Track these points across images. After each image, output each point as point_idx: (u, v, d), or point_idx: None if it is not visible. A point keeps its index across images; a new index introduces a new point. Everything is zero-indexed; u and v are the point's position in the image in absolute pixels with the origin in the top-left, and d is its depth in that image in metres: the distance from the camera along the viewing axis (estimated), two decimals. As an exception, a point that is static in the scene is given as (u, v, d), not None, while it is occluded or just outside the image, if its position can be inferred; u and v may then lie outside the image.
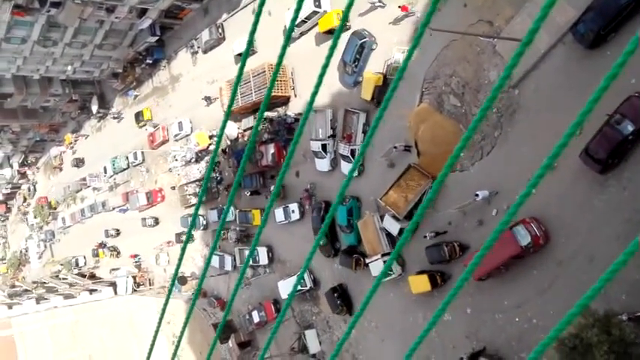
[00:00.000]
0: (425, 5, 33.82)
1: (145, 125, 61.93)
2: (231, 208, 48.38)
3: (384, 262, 34.70)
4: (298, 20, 38.51)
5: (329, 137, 39.13)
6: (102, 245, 69.54)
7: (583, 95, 24.77)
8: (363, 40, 36.23)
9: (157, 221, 59.62)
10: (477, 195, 29.54)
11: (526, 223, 27.16)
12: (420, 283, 32.88)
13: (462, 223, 31.76)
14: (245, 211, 47.06)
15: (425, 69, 33.01)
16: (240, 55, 47.88)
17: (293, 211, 42.72)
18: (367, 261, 36.26)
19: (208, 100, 52.43)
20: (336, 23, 38.32)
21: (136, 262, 64.44)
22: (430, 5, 3.41)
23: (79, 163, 75.90)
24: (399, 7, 34.31)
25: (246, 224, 47.50)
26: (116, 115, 67.61)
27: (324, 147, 39.33)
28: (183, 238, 53.74)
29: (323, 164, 40.05)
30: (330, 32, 39.36)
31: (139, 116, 62.27)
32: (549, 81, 27.57)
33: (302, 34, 41.33)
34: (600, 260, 24.99)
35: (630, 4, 24.01)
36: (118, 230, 66.69)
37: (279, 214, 43.37)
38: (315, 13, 39.60)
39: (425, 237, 33.42)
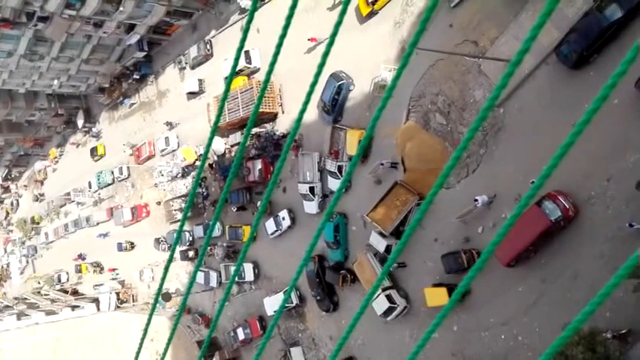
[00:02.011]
0: (412, 24, 34.28)
1: (99, 159, 65.96)
2: (217, 223, 48.05)
3: (387, 296, 33.74)
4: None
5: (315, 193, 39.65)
6: (81, 257, 68.68)
7: (566, 114, 25.23)
8: (340, 82, 37.09)
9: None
10: (476, 200, 29.23)
11: (553, 197, 25.90)
12: (437, 296, 30.84)
13: (448, 241, 31.85)
14: (235, 227, 46.71)
15: (411, 87, 33.33)
16: (191, 93, 52.21)
17: (284, 218, 42.27)
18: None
19: (170, 125, 54.97)
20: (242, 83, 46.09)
21: (113, 277, 63.62)
22: (419, 24, 3.45)
23: (39, 197, 78.98)
24: (309, 39, 38.32)
25: (236, 240, 47.08)
26: (95, 134, 67.59)
27: (311, 190, 39.43)
28: (190, 254, 52.98)
29: (311, 207, 39.97)
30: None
31: (93, 151, 66.49)
32: (533, 100, 27.96)
33: None
34: (584, 278, 25.18)
35: (612, 26, 24.52)
36: (132, 243, 61.71)
37: (269, 225, 42.97)
38: (247, 67, 45.39)
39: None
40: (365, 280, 35.56)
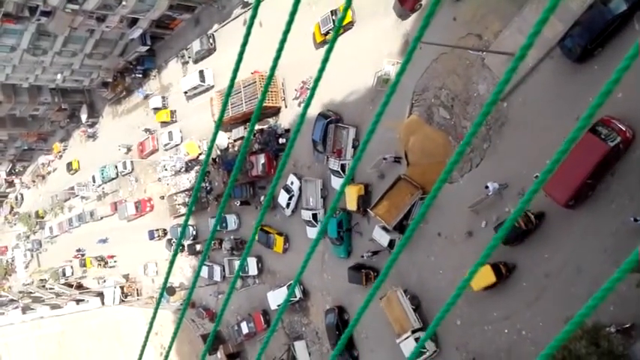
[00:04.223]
0: (415, 17, 34.18)
1: (75, 173, 70.08)
2: (234, 216, 47.72)
3: (415, 339, 31.73)
4: (189, 87, 51.66)
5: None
6: (79, 252, 69.14)
7: (570, 108, 25.15)
8: (328, 120, 37.68)
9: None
10: (487, 187, 28.70)
11: (606, 122, 23.50)
12: (482, 276, 27.44)
13: (451, 235, 31.86)
14: (267, 232, 43.87)
15: (415, 81, 33.24)
16: (155, 109, 56.11)
17: (292, 183, 41.55)
18: (397, 341, 32.81)
19: (149, 131, 57.27)
20: (167, 118, 54.58)
21: (111, 265, 64.11)
22: (422, 19, 3.45)
23: (15, 215, 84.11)
24: (252, 73, 41.30)
25: (267, 248, 44.07)
26: (91, 135, 67.83)
27: (314, 216, 39.37)
28: (197, 247, 52.84)
29: (314, 233, 39.67)
30: (164, 122, 55.05)
31: (69, 166, 70.70)
32: (537, 94, 27.86)
33: (195, 95, 51.91)
34: (588, 272, 25.15)
35: (617, 19, 24.39)
36: (165, 230, 57.88)
37: (282, 198, 42.04)
38: (200, 85, 50.30)
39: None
40: (393, 318, 33.29)
